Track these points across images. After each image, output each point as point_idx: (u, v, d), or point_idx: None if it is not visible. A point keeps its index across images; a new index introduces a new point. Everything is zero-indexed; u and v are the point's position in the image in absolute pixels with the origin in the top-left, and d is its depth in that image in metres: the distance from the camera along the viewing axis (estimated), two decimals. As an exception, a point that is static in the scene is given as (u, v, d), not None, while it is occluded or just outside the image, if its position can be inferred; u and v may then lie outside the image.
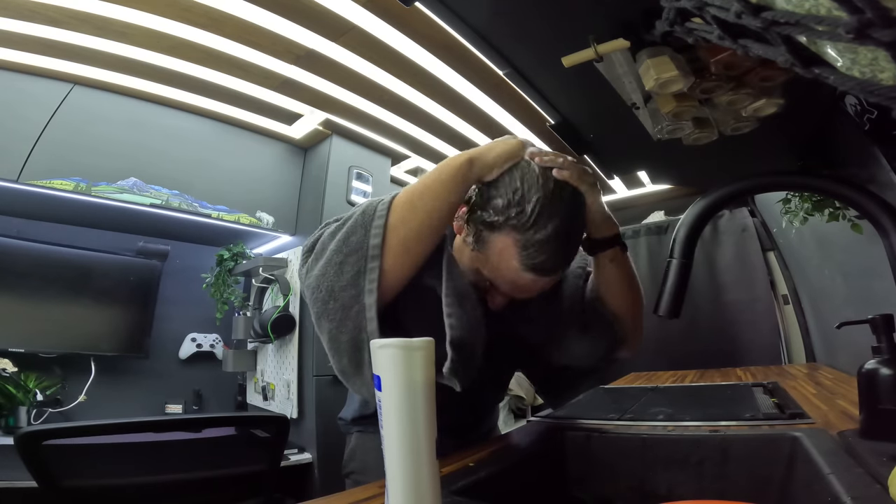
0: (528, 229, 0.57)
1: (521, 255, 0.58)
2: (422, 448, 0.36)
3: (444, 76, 1.75)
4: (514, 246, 0.58)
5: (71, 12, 1.48)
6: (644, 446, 0.71)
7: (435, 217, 0.57)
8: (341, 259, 0.55)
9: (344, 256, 0.55)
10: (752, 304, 2.22)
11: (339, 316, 0.55)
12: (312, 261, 0.58)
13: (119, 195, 1.88)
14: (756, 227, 2.30)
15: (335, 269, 0.55)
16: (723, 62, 0.62)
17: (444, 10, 0.69)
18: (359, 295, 0.54)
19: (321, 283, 0.56)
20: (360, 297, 0.54)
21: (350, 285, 0.54)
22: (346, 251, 0.55)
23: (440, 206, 0.58)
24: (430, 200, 0.57)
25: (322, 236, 0.60)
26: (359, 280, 0.54)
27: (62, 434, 0.79)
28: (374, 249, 0.55)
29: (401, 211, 0.57)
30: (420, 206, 0.57)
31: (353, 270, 0.54)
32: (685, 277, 0.55)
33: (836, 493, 0.40)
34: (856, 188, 0.50)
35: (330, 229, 0.60)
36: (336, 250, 0.56)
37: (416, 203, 0.57)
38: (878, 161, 0.80)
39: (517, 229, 0.57)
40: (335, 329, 0.55)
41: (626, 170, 1.65)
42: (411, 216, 0.57)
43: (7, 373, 1.74)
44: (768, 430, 0.65)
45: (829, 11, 0.27)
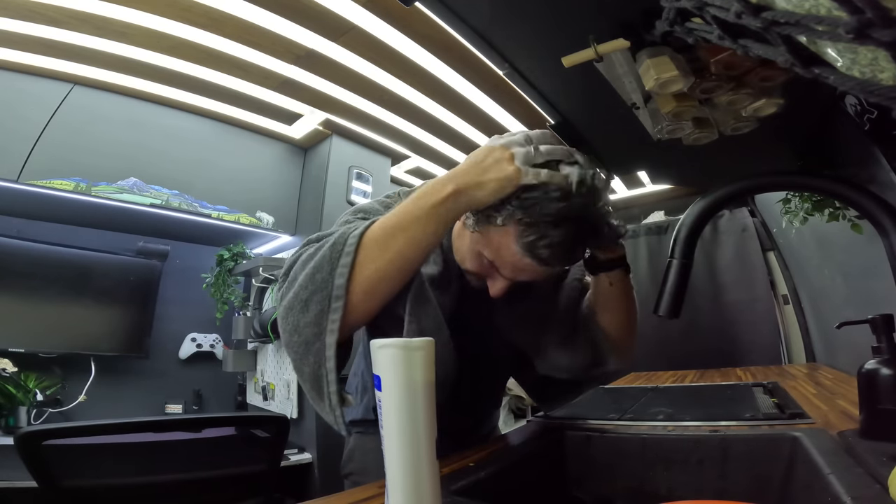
0: (536, 214, 0.54)
1: (522, 240, 0.55)
2: (422, 448, 0.36)
3: (444, 76, 1.75)
4: (518, 226, 0.55)
5: (71, 12, 1.48)
6: (644, 446, 0.71)
7: (408, 258, 0.54)
8: (307, 296, 0.53)
9: (309, 294, 0.53)
10: (752, 304, 2.22)
11: (301, 350, 0.54)
12: (286, 288, 0.57)
13: (119, 195, 1.88)
14: (756, 227, 2.30)
15: (301, 306, 0.54)
16: (723, 62, 0.62)
17: (444, 11, 0.69)
18: (321, 333, 0.53)
19: (288, 316, 0.55)
20: (322, 336, 0.53)
21: (313, 323, 0.53)
22: (311, 288, 0.53)
23: (413, 247, 0.54)
24: (403, 241, 0.53)
25: (297, 261, 0.58)
26: (322, 319, 0.53)
27: (62, 434, 0.79)
28: (338, 289, 0.53)
29: (370, 249, 0.54)
30: (392, 246, 0.54)
31: (317, 308, 0.53)
32: (685, 277, 0.55)
33: (836, 493, 0.40)
34: (856, 188, 0.50)
35: (305, 255, 0.57)
36: (303, 286, 0.54)
37: (388, 241, 0.54)
38: (878, 161, 0.80)
39: (525, 210, 0.55)
40: (298, 361, 0.55)
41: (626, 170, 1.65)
42: (380, 255, 0.53)
43: (7, 373, 1.74)
44: (768, 430, 0.65)
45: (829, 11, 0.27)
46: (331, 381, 0.53)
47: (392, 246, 0.54)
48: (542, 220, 0.54)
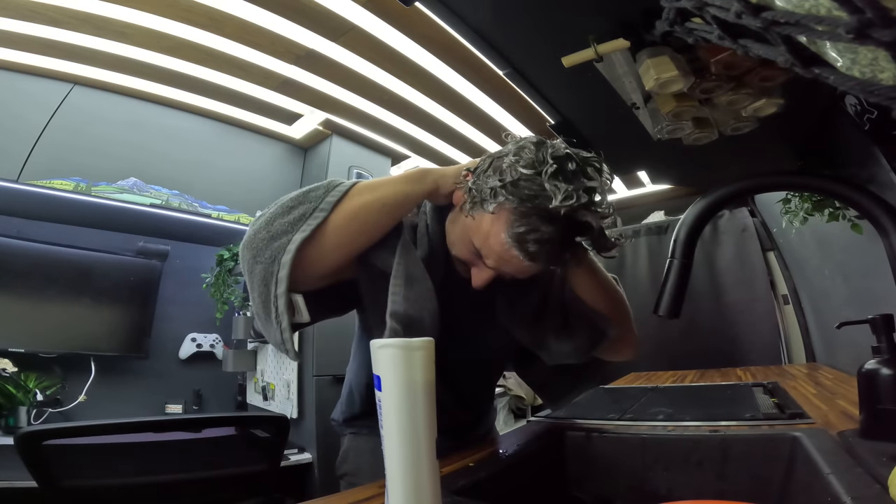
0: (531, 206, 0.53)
1: (513, 230, 0.54)
2: (422, 448, 0.36)
3: (445, 76, 1.75)
4: (511, 215, 0.55)
5: (71, 12, 1.48)
6: (644, 446, 0.71)
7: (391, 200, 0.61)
8: (293, 204, 0.57)
9: (296, 203, 0.57)
10: (752, 304, 2.22)
11: (262, 245, 0.54)
12: (262, 214, 0.59)
13: (119, 195, 1.88)
14: (756, 227, 2.30)
15: (283, 210, 0.56)
16: (723, 62, 0.62)
17: (444, 11, 0.69)
18: (292, 232, 0.54)
19: (264, 217, 0.57)
20: (291, 234, 0.54)
21: (290, 224, 0.55)
22: (300, 199, 0.57)
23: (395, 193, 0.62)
24: (388, 189, 0.62)
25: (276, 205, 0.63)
26: (299, 223, 0.55)
27: (62, 434, 0.79)
28: (326, 204, 0.57)
29: (362, 187, 0.61)
30: (380, 189, 0.62)
31: (298, 214, 0.56)
32: (685, 277, 0.55)
33: (836, 493, 0.40)
34: (856, 188, 0.50)
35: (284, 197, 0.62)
36: (291, 198, 0.58)
37: (377, 185, 0.62)
38: (878, 161, 0.80)
39: (521, 200, 0.54)
40: (252, 259, 0.54)
41: (626, 170, 1.65)
42: (370, 194, 0.60)
43: (7, 373, 1.74)
44: (768, 430, 0.65)
45: (829, 11, 0.27)
46: (281, 278, 0.51)
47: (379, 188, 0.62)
48: (536, 212, 0.54)
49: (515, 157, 0.56)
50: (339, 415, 0.88)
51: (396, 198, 0.62)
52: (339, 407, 0.89)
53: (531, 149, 0.57)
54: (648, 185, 2.72)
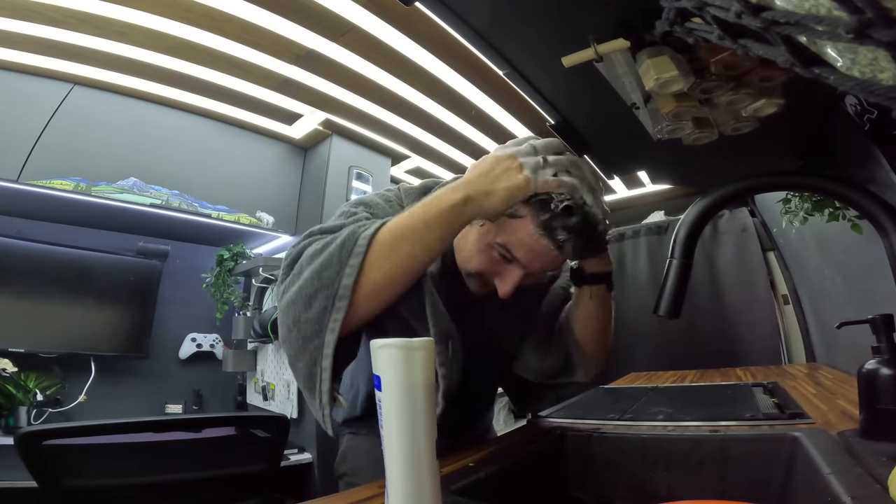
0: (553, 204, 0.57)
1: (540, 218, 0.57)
2: (422, 448, 0.36)
3: (444, 76, 1.75)
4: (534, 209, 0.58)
5: (71, 12, 1.48)
6: (644, 446, 0.71)
7: (416, 262, 0.55)
8: (311, 292, 0.53)
9: (314, 290, 0.53)
10: (752, 304, 2.22)
11: (298, 345, 0.54)
12: (289, 282, 0.57)
13: (119, 195, 1.88)
14: (756, 227, 2.30)
15: (304, 301, 0.54)
16: (723, 62, 0.62)
17: (444, 11, 0.69)
18: (321, 331, 0.53)
19: (290, 310, 0.55)
20: (322, 334, 0.53)
21: (315, 320, 0.53)
22: (317, 285, 0.53)
23: (422, 252, 0.54)
24: (412, 244, 0.54)
25: (303, 255, 0.58)
26: (324, 317, 0.53)
27: (62, 434, 0.79)
28: (344, 289, 0.53)
29: (379, 251, 0.54)
30: (401, 249, 0.54)
31: (320, 306, 0.53)
32: (685, 277, 0.55)
33: (836, 493, 0.40)
34: (856, 188, 0.50)
35: (311, 249, 0.57)
36: (308, 281, 0.54)
37: (398, 244, 0.54)
38: (878, 161, 0.80)
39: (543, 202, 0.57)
40: (293, 357, 0.55)
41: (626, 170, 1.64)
42: (389, 259, 0.54)
43: (7, 373, 1.74)
44: (768, 430, 0.65)
45: (829, 11, 0.27)
46: (324, 379, 0.53)
47: (401, 249, 0.54)
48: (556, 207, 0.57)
49: None
50: (339, 415, 0.88)
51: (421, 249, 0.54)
52: (338, 408, 0.89)
53: None
54: (648, 185, 2.72)
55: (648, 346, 2.39)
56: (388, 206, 0.70)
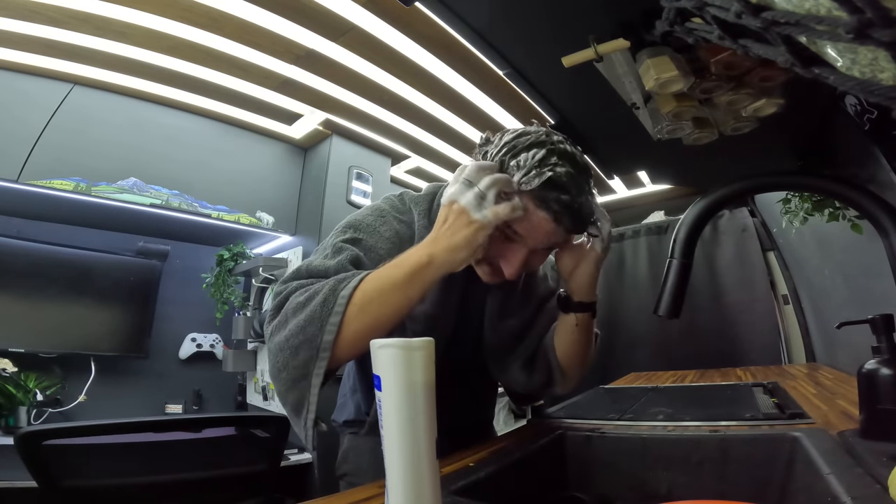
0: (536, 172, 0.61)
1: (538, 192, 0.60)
2: (422, 448, 0.36)
3: (444, 76, 1.75)
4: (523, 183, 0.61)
5: (71, 12, 1.48)
6: (644, 446, 0.71)
7: (389, 319, 0.60)
8: (297, 343, 0.58)
9: (299, 342, 0.58)
10: (752, 304, 2.22)
11: (288, 385, 0.60)
12: (275, 328, 0.62)
13: (119, 195, 1.88)
14: (756, 227, 2.30)
15: (291, 351, 0.59)
16: (723, 62, 0.62)
17: (444, 10, 0.69)
18: (307, 376, 0.59)
19: (279, 355, 0.60)
20: (308, 378, 0.59)
21: (301, 366, 0.59)
22: (301, 338, 0.58)
23: (392, 311, 0.59)
24: (383, 306, 0.59)
25: (288, 302, 0.62)
26: (309, 365, 0.58)
27: (62, 434, 0.79)
28: (325, 344, 0.58)
29: (356, 311, 0.59)
30: (373, 310, 0.59)
31: (305, 356, 0.58)
32: (685, 277, 0.55)
33: (836, 493, 0.40)
34: (856, 188, 0.50)
35: (295, 300, 0.61)
36: (294, 333, 0.59)
37: (371, 306, 0.59)
38: (878, 161, 0.80)
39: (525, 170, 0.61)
40: (284, 392, 0.61)
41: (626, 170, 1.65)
42: (364, 317, 0.59)
43: (7, 373, 1.74)
44: (768, 430, 0.65)
45: (829, 11, 0.27)
46: (311, 411, 0.59)
47: (373, 310, 0.59)
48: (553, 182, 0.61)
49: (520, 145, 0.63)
50: (342, 416, 0.89)
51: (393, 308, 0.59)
52: (343, 410, 0.90)
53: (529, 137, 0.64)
54: (648, 185, 2.72)
55: (648, 346, 2.39)
56: (382, 221, 0.72)
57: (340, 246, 0.68)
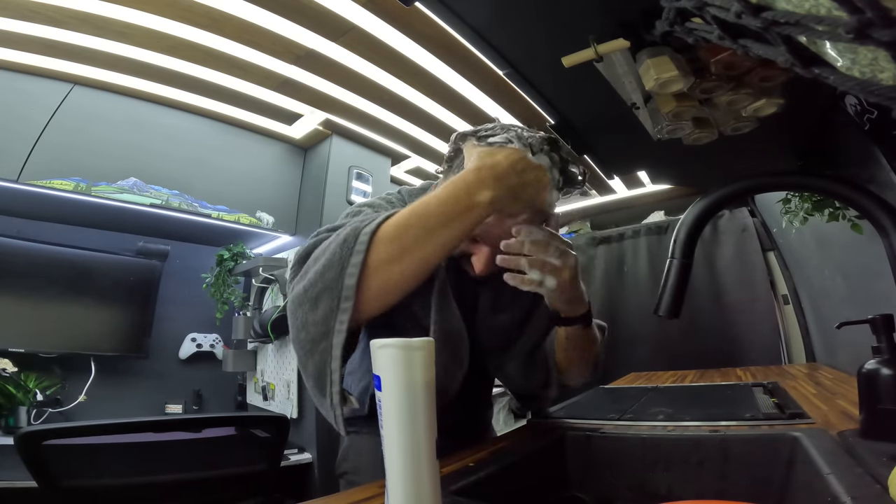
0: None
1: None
2: (422, 448, 0.36)
3: (445, 76, 1.75)
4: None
5: (71, 12, 1.48)
6: (644, 446, 0.71)
7: (429, 261, 0.51)
8: (316, 294, 0.52)
9: (318, 291, 0.52)
10: (752, 304, 2.22)
11: (307, 347, 0.54)
12: (297, 280, 0.56)
13: (119, 195, 1.88)
14: (756, 227, 2.30)
15: (310, 303, 0.52)
16: (723, 62, 0.62)
17: (444, 10, 0.69)
18: (328, 333, 0.52)
19: (297, 312, 0.54)
20: (330, 336, 0.52)
21: (321, 322, 0.52)
22: (321, 286, 0.52)
23: (438, 251, 0.50)
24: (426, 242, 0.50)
25: (312, 252, 0.57)
26: (330, 319, 0.51)
27: (62, 434, 0.79)
28: (347, 290, 0.50)
29: (386, 248, 0.50)
30: (411, 247, 0.50)
31: (326, 308, 0.51)
32: (685, 277, 0.55)
33: (836, 493, 0.40)
34: (856, 188, 0.50)
35: (318, 249, 0.56)
36: (312, 282, 0.53)
37: (408, 242, 0.50)
38: (878, 161, 0.80)
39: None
40: (303, 357, 0.55)
41: (626, 170, 1.65)
42: (398, 255, 0.51)
43: (7, 373, 1.74)
44: (768, 430, 0.65)
45: (829, 11, 0.27)
46: (334, 380, 0.52)
47: (411, 246, 0.50)
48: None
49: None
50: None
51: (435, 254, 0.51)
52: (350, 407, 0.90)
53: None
54: (648, 185, 2.72)
55: (648, 346, 2.39)
56: (391, 207, 0.72)
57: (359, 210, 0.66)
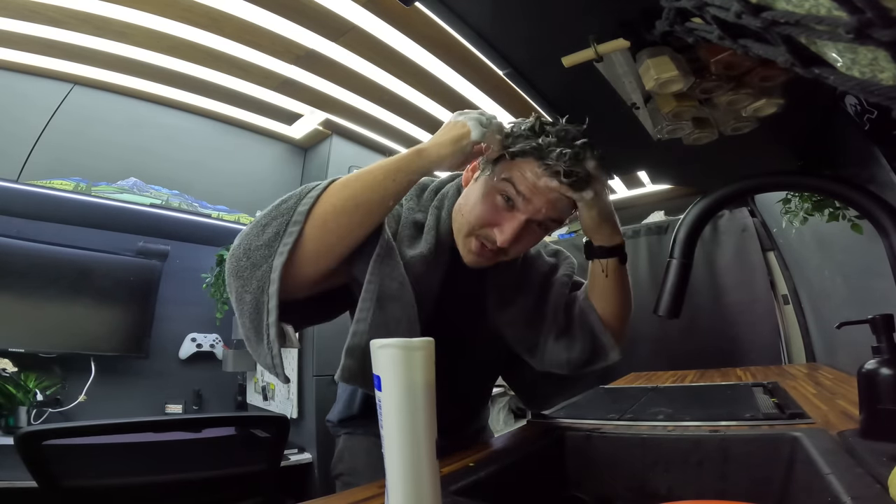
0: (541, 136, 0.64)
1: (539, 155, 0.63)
2: (422, 448, 0.36)
3: (445, 76, 1.75)
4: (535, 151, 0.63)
5: (71, 12, 1.48)
6: (644, 446, 0.71)
7: (365, 199, 0.57)
8: (266, 221, 0.56)
9: (269, 219, 0.56)
10: (752, 304, 2.22)
11: (246, 274, 0.54)
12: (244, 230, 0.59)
13: (119, 195, 1.88)
14: (756, 227, 2.30)
15: (258, 230, 0.55)
16: (723, 62, 0.62)
17: (444, 10, 0.69)
18: (270, 256, 0.54)
19: (241, 243, 0.56)
20: (270, 259, 0.53)
21: (266, 245, 0.54)
22: (273, 214, 0.56)
23: (373, 191, 0.57)
24: (365, 184, 0.58)
25: None
26: (274, 242, 0.54)
27: (62, 434, 0.79)
28: (298, 215, 0.55)
29: (336, 189, 0.58)
30: (353, 185, 0.58)
31: (272, 232, 0.54)
32: (685, 277, 0.55)
33: (836, 493, 0.40)
34: (856, 188, 0.50)
35: None
36: (265, 214, 0.57)
37: (351, 182, 0.58)
38: (878, 161, 0.80)
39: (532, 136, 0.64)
40: (241, 288, 0.55)
41: (626, 170, 1.65)
42: (341, 193, 0.57)
43: (7, 373, 1.74)
44: (768, 430, 0.65)
45: (829, 11, 0.27)
46: (271, 308, 0.52)
47: (354, 185, 0.58)
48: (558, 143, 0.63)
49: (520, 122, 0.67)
50: (335, 415, 0.88)
51: (374, 190, 0.58)
52: (336, 408, 0.90)
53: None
54: (648, 185, 2.72)
55: (648, 346, 2.39)
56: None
57: None
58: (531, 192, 0.63)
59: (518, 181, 0.64)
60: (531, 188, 0.63)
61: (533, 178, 0.63)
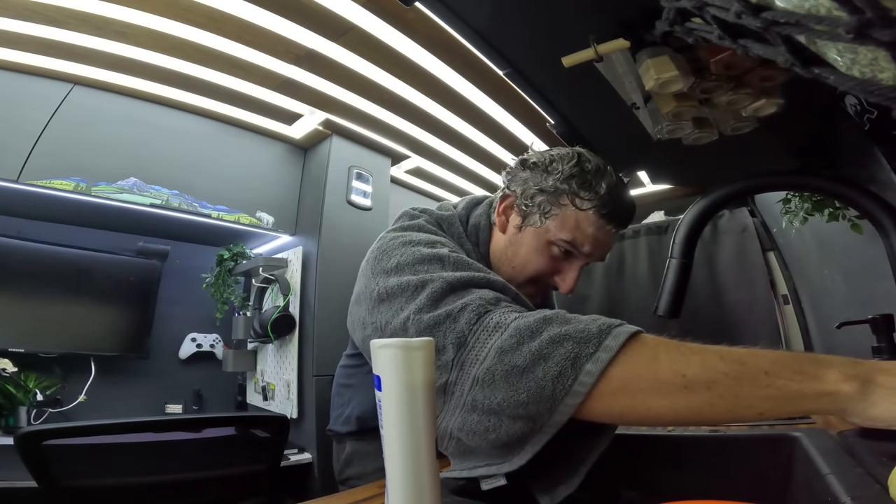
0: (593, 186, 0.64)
1: (595, 206, 0.64)
2: (422, 448, 0.36)
3: (444, 76, 1.75)
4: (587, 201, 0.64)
5: (71, 12, 1.48)
6: (644, 446, 0.71)
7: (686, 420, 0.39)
8: (518, 413, 0.42)
9: (520, 413, 0.43)
10: (752, 304, 2.22)
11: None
12: (428, 313, 0.46)
13: (119, 195, 1.88)
14: (756, 227, 2.30)
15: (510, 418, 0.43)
16: (723, 62, 0.62)
17: (444, 11, 0.69)
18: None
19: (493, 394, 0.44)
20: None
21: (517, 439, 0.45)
22: (521, 412, 0.42)
23: (716, 416, 0.38)
24: (701, 401, 0.37)
25: (434, 288, 0.48)
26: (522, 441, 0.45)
27: (62, 434, 0.79)
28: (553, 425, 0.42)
29: (619, 397, 0.40)
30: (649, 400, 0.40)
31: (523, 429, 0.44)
32: (685, 277, 0.55)
33: (836, 494, 0.40)
34: (856, 188, 0.50)
35: (507, 356, 0.44)
36: (511, 401, 0.41)
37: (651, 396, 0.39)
38: (878, 161, 0.80)
39: (584, 187, 0.64)
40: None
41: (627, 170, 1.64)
42: (630, 404, 0.40)
43: (7, 373, 1.74)
44: (768, 430, 0.65)
45: (829, 11, 0.27)
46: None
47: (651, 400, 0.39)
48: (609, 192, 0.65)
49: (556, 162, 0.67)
50: (341, 428, 0.88)
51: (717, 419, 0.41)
52: (339, 420, 0.89)
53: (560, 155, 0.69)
54: (648, 185, 2.72)
55: (648, 346, 2.39)
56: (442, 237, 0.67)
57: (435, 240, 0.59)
58: (593, 246, 0.66)
59: (582, 241, 0.66)
60: (593, 242, 0.66)
61: (594, 231, 0.65)
